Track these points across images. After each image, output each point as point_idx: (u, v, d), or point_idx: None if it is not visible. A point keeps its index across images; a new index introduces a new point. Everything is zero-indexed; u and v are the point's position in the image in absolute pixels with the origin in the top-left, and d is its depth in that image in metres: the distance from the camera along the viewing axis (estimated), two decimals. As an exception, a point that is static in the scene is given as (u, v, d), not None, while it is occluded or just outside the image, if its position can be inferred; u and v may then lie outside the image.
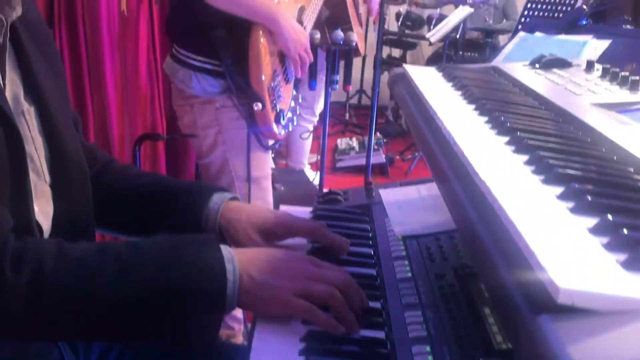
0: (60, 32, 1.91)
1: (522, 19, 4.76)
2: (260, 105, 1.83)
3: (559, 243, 0.47)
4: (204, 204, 1.02)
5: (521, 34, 1.86)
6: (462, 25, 4.52)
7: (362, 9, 3.61)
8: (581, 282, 0.41)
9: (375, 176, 4.43)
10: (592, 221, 0.50)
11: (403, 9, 5.44)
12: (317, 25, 2.41)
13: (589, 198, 0.53)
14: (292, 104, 2.09)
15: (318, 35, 2.56)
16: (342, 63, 2.99)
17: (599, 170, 0.63)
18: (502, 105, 0.88)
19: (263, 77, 1.81)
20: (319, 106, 3.84)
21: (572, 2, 4.69)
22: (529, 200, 0.56)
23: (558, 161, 0.63)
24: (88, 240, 0.99)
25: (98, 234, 1.11)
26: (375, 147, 4.53)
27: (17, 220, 0.79)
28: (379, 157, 4.49)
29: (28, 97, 0.89)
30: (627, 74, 1.01)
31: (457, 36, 4.71)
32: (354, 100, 6.35)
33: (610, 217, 0.49)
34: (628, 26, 1.66)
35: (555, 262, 0.43)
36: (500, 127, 0.77)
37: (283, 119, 1.96)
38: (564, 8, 4.67)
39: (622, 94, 0.94)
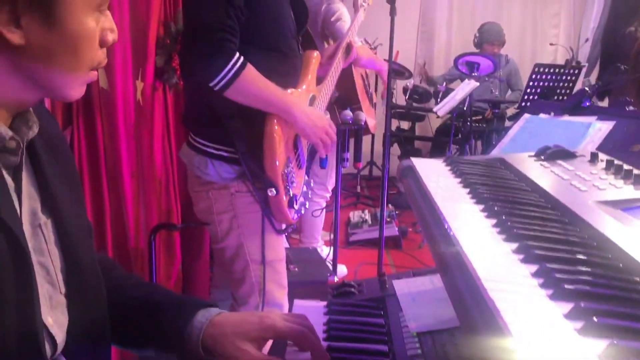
0: (79, 125, 1.98)
1: (527, 90, 4.88)
2: (274, 191, 1.87)
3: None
4: (187, 322, 1.02)
5: (526, 115, 1.90)
6: (468, 97, 4.62)
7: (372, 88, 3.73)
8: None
9: (389, 249, 4.43)
10: (600, 345, 0.52)
11: (410, 83, 5.57)
12: (327, 106, 2.48)
13: (596, 319, 0.54)
14: (304, 188, 2.13)
15: (328, 116, 2.63)
16: (352, 141, 3.07)
17: (606, 283, 0.64)
18: (510, 206, 0.90)
19: (277, 164, 1.86)
20: (331, 182, 3.91)
21: (573, 78, 4.81)
22: (536, 320, 0.57)
23: (565, 274, 0.64)
24: (103, 350, 1.01)
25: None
26: (388, 219, 4.55)
27: (25, 336, 0.81)
28: (392, 230, 4.51)
29: (45, 210, 0.92)
30: (630, 168, 1.03)
31: (465, 108, 4.79)
32: (365, 172, 6.41)
33: (616, 342, 0.50)
34: (630, 107, 1.70)
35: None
36: (507, 232, 0.79)
37: (296, 203, 2.00)
38: (566, 78, 4.78)
39: (626, 190, 0.96)
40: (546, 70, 4.83)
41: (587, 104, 1.82)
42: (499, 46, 5.78)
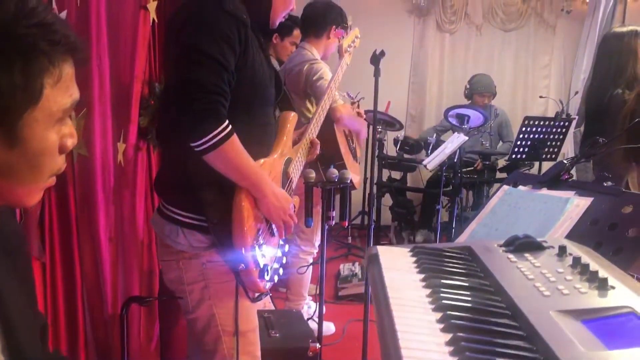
0: (50, 197, 1.95)
1: (518, 142, 4.88)
2: (243, 265, 1.84)
3: None
4: None
5: (505, 187, 1.88)
6: (459, 149, 4.61)
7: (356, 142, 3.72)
8: None
9: (379, 304, 4.36)
10: None
11: (400, 135, 5.58)
12: (311, 163, 2.45)
13: None
14: (279, 253, 2.08)
15: (313, 175, 2.61)
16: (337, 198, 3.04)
17: None
18: (468, 318, 0.87)
19: (246, 235, 1.82)
20: (318, 238, 3.86)
21: (563, 130, 4.82)
22: None
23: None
24: None
25: None
26: (378, 273, 4.49)
27: None
28: (381, 285, 4.44)
29: None
30: (596, 268, 1.00)
31: (455, 160, 4.78)
32: (357, 221, 6.37)
33: None
34: (609, 183, 1.69)
35: None
36: (460, 355, 0.76)
37: (267, 273, 1.96)
38: (556, 131, 4.80)
39: (590, 296, 0.93)
40: (536, 122, 4.83)
41: (566, 177, 1.80)
42: (490, 97, 5.82)
